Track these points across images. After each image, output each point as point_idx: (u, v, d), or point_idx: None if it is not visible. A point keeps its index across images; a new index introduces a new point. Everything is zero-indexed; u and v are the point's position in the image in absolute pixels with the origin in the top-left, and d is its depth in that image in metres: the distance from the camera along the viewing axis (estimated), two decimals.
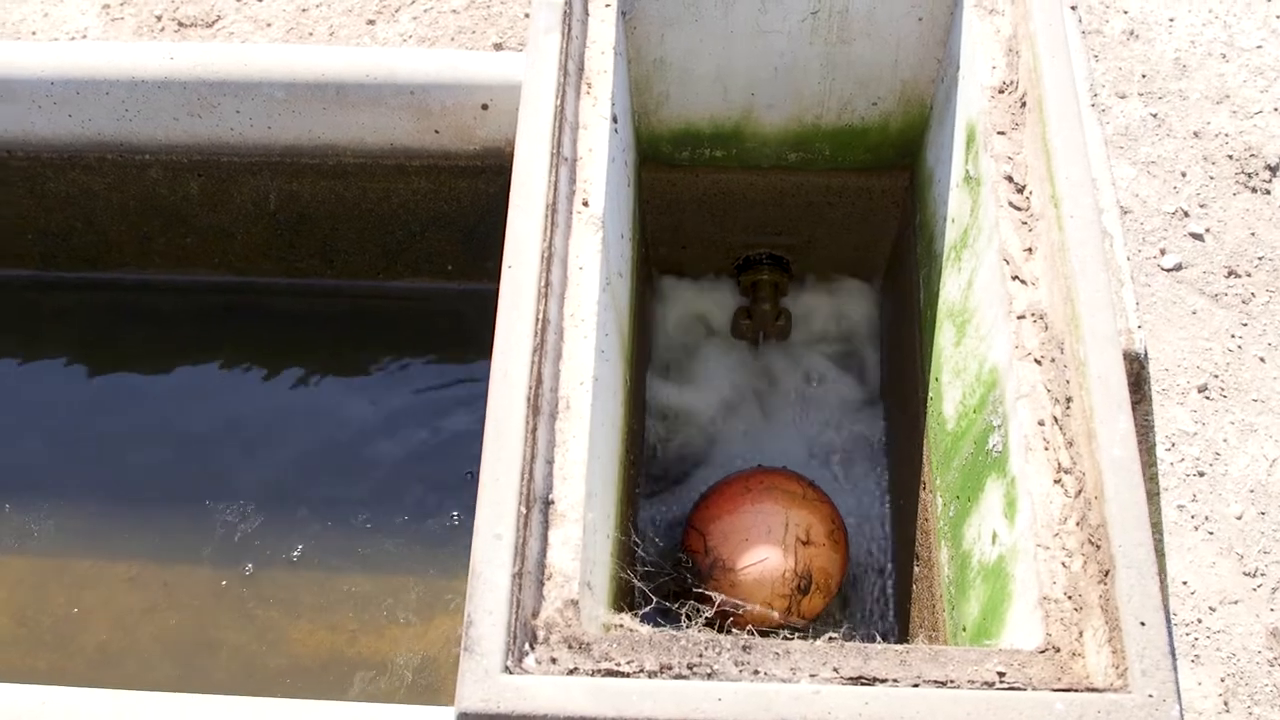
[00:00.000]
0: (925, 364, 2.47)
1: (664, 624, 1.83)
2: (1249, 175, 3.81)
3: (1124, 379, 1.80)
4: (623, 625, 1.76)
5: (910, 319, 2.63)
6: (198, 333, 3.14)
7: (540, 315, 1.86)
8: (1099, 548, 1.72)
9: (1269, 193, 3.79)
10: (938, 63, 2.48)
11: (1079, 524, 1.77)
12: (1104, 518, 1.71)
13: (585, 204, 2.03)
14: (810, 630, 2.46)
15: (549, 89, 2.08)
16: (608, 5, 2.29)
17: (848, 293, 3.04)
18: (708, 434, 2.97)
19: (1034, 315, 1.95)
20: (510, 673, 1.62)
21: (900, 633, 2.64)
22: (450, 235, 2.98)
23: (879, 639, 1.89)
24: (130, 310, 3.17)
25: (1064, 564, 1.76)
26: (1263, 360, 3.50)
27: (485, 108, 2.66)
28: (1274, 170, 3.82)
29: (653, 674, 1.65)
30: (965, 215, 2.25)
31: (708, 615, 1.86)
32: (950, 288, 2.32)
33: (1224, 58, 4.06)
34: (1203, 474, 3.34)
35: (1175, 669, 1.66)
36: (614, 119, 2.16)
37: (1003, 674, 1.66)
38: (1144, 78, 4.03)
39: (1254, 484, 3.30)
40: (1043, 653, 1.70)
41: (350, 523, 2.85)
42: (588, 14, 2.27)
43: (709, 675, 1.65)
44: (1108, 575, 1.69)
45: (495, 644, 1.62)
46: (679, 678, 1.65)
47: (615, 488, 2.21)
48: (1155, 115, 3.95)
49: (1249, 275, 3.64)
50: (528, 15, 4.30)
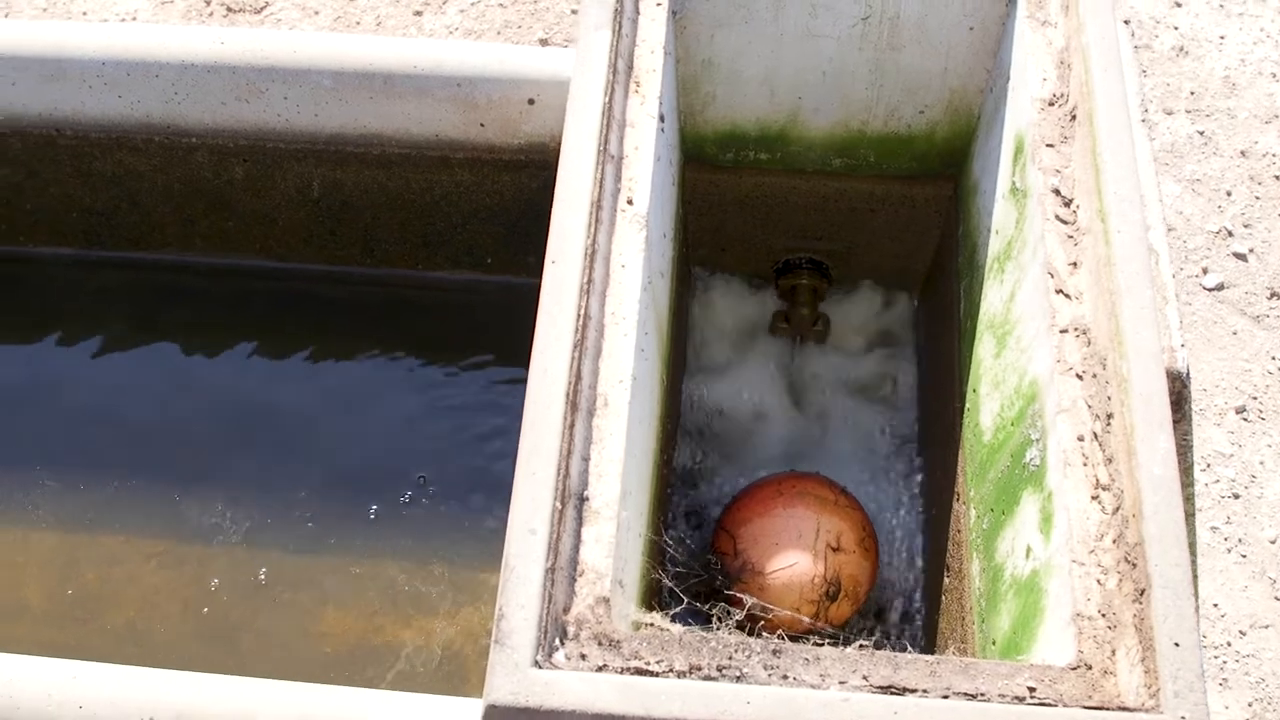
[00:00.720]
0: (963, 374, 2.46)
1: (693, 624, 1.83)
2: None
3: (1166, 397, 1.79)
4: (653, 624, 1.76)
5: (949, 329, 2.62)
6: (236, 316, 3.16)
7: (582, 312, 1.86)
8: (1135, 566, 1.71)
9: None
10: (987, 73, 2.47)
11: (1115, 541, 1.76)
12: (1141, 536, 1.70)
13: (630, 202, 2.03)
14: (841, 637, 2.45)
15: (598, 86, 2.08)
16: (658, 4, 2.29)
17: (886, 300, 3.03)
18: (739, 435, 2.96)
19: (1077, 330, 1.94)
20: (540, 667, 1.62)
21: (927, 643, 2.63)
22: (491, 228, 2.98)
23: (909, 648, 1.88)
24: (170, 291, 3.19)
25: (1099, 581, 1.75)
26: None
27: (531, 103, 2.67)
28: None
29: (682, 674, 1.65)
30: (1010, 227, 2.24)
31: (738, 618, 1.86)
32: (992, 299, 2.31)
33: (1274, 77, 4.03)
34: (1238, 496, 3.31)
35: (1206, 691, 1.65)
36: (661, 118, 2.16)
37: (1033, 689, 1.65)
38: (1192, 95, 4.00)
39: None
40: (1074, 670, 1.69)
41: (382, 511, 2.86)
42: (638, 12, 2.27)
43: (738, 678, 1.65)
44: (1143, 594, 1.68)
45: (526, 638, 1.62)
46: (708, 679, 1.65)
47: (649, 487, 2.21)
48: (1202, 133, 3.92)
49: None
50: (574, 12, 4.31)
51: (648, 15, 2.27)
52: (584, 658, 1.66)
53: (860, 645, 1.72)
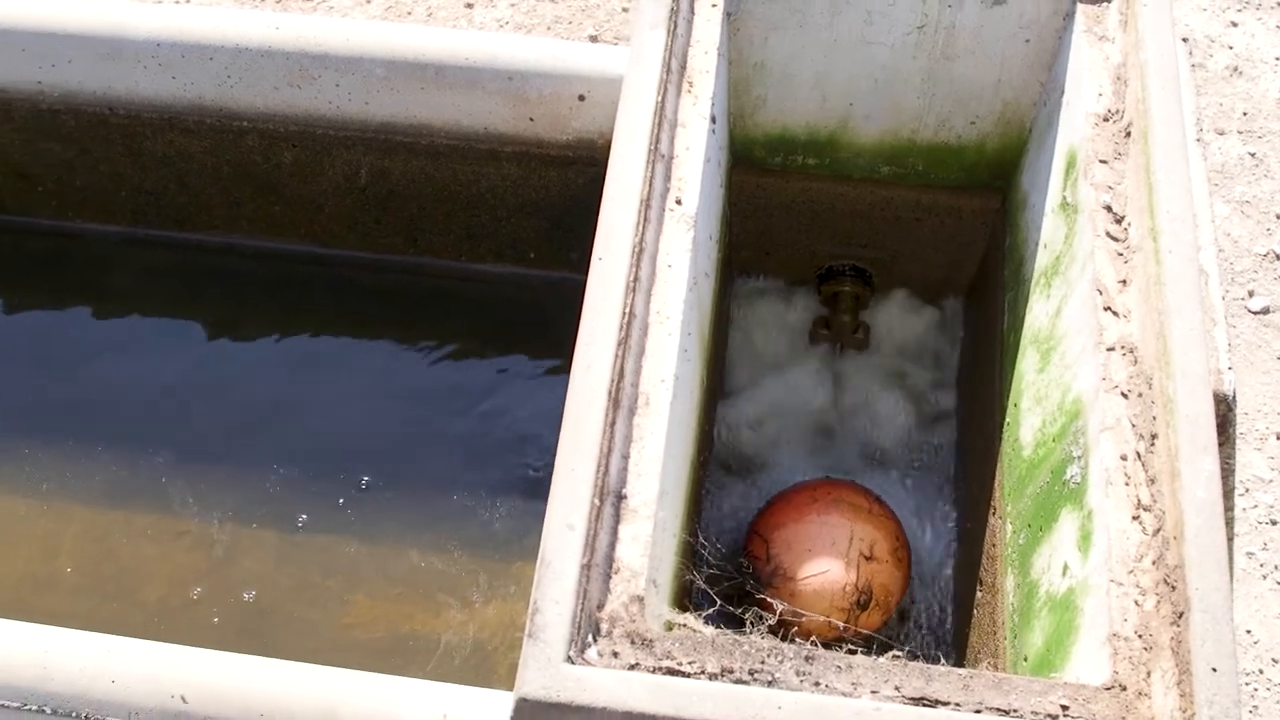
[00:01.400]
0: (1004, 388, 2.45)
1: (723, 626, 1.83)
2: None
3: (1212, 420, 1.77)
4: (686, 625, 1.76)
5: (992, 342, 2.60)
6: (279, 300, 3.17)
7: (627, 310, 1.86)
8: (1174, 589, 1.69)
9: None
10: (1041, 86, 2.45)
11: (1155, 563, 1.74)
12: (1182, 559, 1.68)
13: (679, 202, 2.03)
14: (874, 646, 2.44)
15: (651, 85, 2.08)
16: (714, 5, 2.29)
17: (928, 310, 3.01)
18: (775, 440, 2.96)
19: (1124, 348, 1.93)
20: (572, 663, 1.62)
21: (957, 657, 2.61)
22: (536, 223, 2.99)
23: (942, 661, 1.87)
24: (214, 272, 3.21)
25: (1136, 602, 1.74)
26: None
27: (582, 99, 2.67)
28: None
29: (713, 676, 1.65)
30: (1059, 242, 2.23)
31: (771, 623, 1.86)
32: (1037, 313, 2.29)
33: None
34: (1275, 522, 3.28)
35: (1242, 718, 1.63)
36: (713, 119, 2.16)
37: (1066, 708, 1.64)
38: (1245, 115, 3.96)
39: None
40: (1108, 690, 1.68)
41: (415, 501, 2.86)
42: (694, 12, 2.26)
43: (770, 682, 1.65)
44: (1181, 617, 1.67)
45: (560, 633, 1.63)
46: (740, 682, 1.64)
47: (684, 487, 2.21)
48: (1254, 155, 3.88)
49: None
50: (625, 10, 4.31)
51: (703, 16, 2.27)
52: (616, 655, 1.66)
53: (894, 655, 1.71)
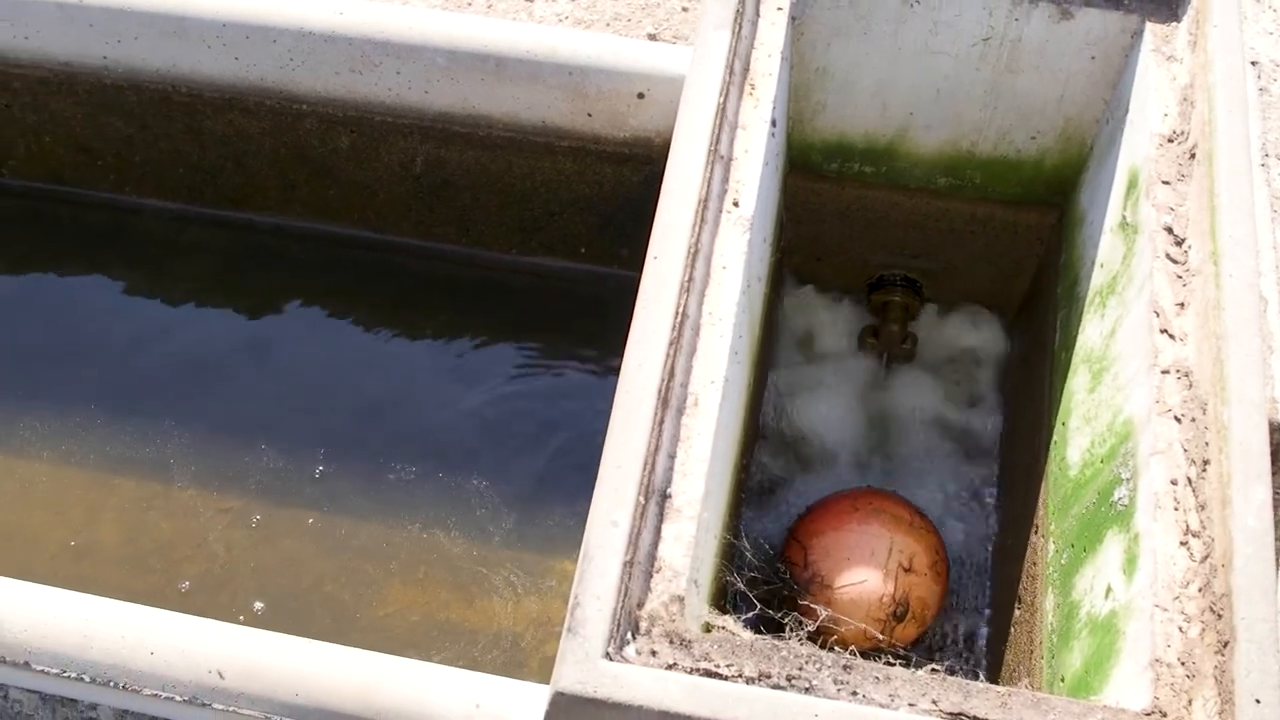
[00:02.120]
0: (1053, 406, 2.43)
1: (763, 630, 1.83)
2: None
3: (1267, 448, 1.76)
4: (725, 628, 1.76)
5: (1042, 359, 2.58)
6: (328, 283, 3.19)
7: (680, 310, 1.86)
8: (1220, 617, 1.68)
9: None
10: (1104, 103, 2.43)
11: (1201, 590, 1.73)
12: (1229, 587, 1.66)
13: (736, 204, 2.03)
14: (913, 659, 2.43)
15: (713, 85, 2.07)
16: (779, 8, 2.29)
17: (978, 324, 2.99)
18: (817, 447, 2.95)
19: (1179, 372, 1.91)
20: (610, 659, 1.62)
21: (991, 673, 2.60)
22: (588, 218, 2.99)
23: (981, 677, 1.86)
24: (265, 252, 3.24)
25: (1181, 629, 1.72)
26: None
27: (641, 96, 2.67)
28: None
29: (751, 680, 1.65)
30: (1116, 261, 2.21)
31: (810, 629, 1.85)
32: (1091, 333, 2.28)
33: None
34: None
35: None
36: (773, 123, 2.15)
37: None
38: None
39: None
40: (1148, 715, 1.66)
41: (453, 490, 2.87)
42: (759, 15, 2.26)
43: (807, 689, 1.64)
44: (1226, 646, 1.65)
45: (599, 629, 1.63)
46: (777, 688, 1.64)
47: (727, 489, 2.21)
48: None
49: None
50: (685, 9, 4.31)
51: (768, 19, 2.26)
52: (654, 654, 1.66)
53: (932, 669, 1.71)
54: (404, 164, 2.98)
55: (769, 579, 2.52)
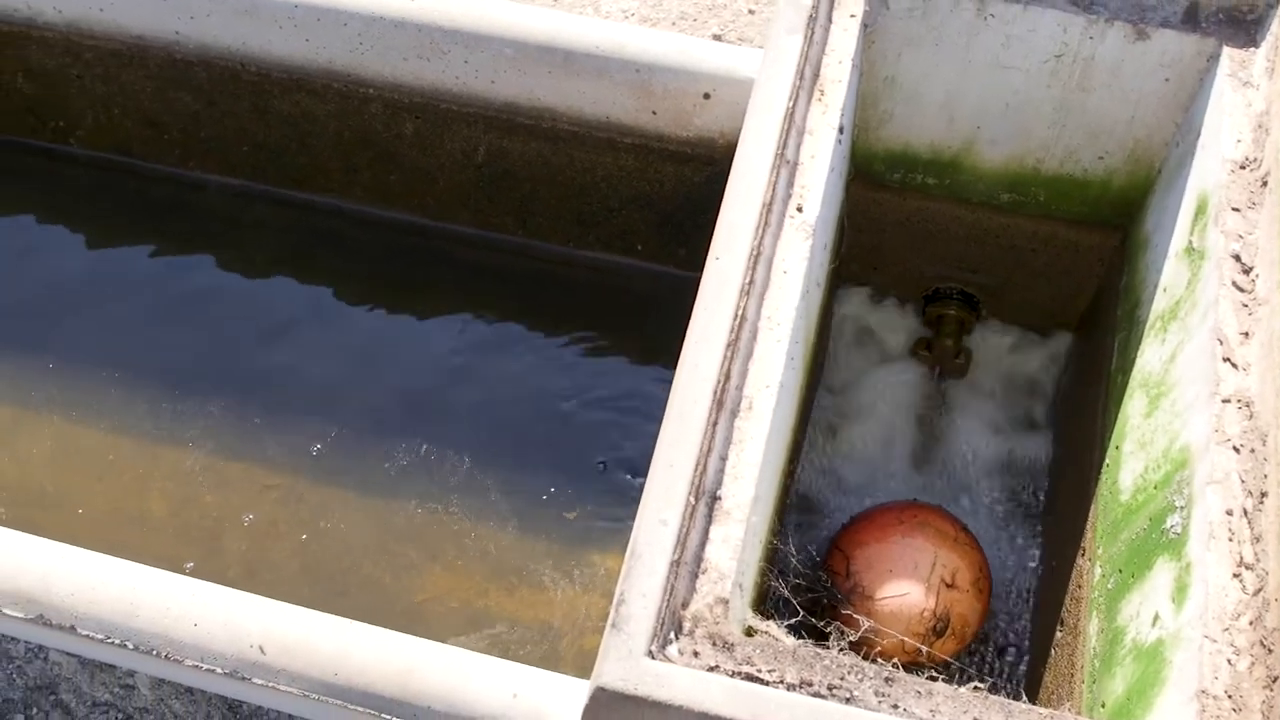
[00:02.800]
0: (1106, 429, 2.41)
1: (803, 637, 1.82)
2: None
3: None
4: (768, 633, 1.75)
5: (1097, 381, 2.56)
6: (385, 267, 3.21)
7: (739, 312, 1.86)
8: (1271, 652, 1.66)
9: None
10: (1176, 126, 2.41)
11: (1253, 623, 1.71)
12: None
13: (799, 209, 2.02)
14: (956, 675, 2.42)
15: (783, 89, 2.07)
16: (852, 15, 2.28)
17: (1033, 342, 2.97)
18: (864, 457, 2.94)
19: (1240, 401, 1.89)
20: (653, 657, 1.62)
21: (1028, 695, 2.58)
22: (646, 216, 2.99)
23: (1024, 697, 1.85)
24: (324, 234, 3.26)
25: (1229, 661, 1.70)
26: None
27: (707, 97, 2.66)
28: None
29: (792, 687, 1.64)
30: (1180, 287, 2.19)
31: (852, 639, 1.84)
32: (1149, 357, 2.25)
33: None
34: None
35: None
36: (840, 129, 2.14)
37: None
38: None
39: None
40: None
41: (498, 480, 2.88)
42: (831, 21, 2.25)
43: (848, 699, 1.64)
44: (1275, 682, 1.63)
45: (643, 626, 1.63)
46: (817, 696, 1.63)
47: (775, 494, 2.20)
48: None
49: None
50: (751, 11, 4.30)
51: (840, 25, 2.26)
52: (696, 655, 1.66)
53: (975, 687, 1.69)
54: (466, 153, 2.99)
55: (811, 586, 2.52)
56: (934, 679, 1.69)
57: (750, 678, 1.64)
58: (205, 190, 3.29)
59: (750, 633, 1.80)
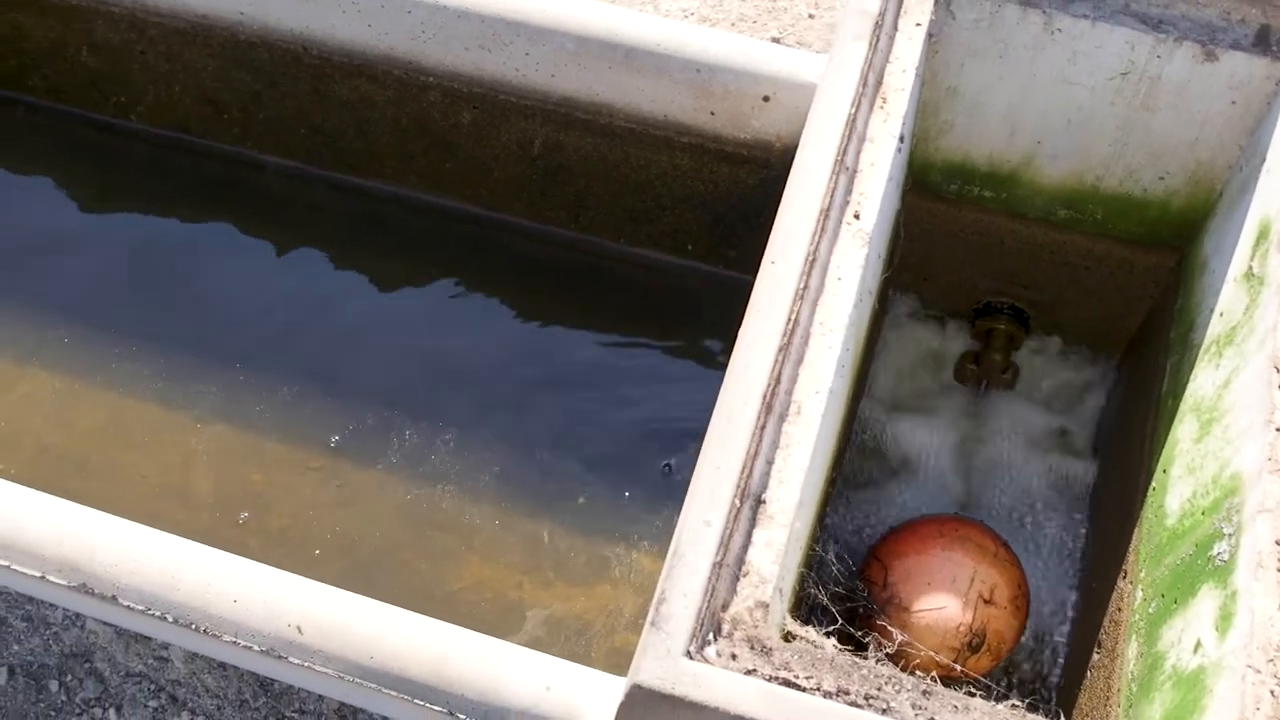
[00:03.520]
0: (1154, 452, 2.38)
1: (838, 644, 1.81)
2: None
3: None
4: (806, 639, 1.75)
5: (1147, 402, 2.54)
6: (436, 255, 3.22)
7: (792, 317, 1.85)
8: None
9: None
10: (1240, 149, 2.38)
11: None
12: None
13: (857, 216, 2.01)
14: (994, 692, 2.40)
15: (846, 96, 2.06)
16: (917, 25, 2.27)
17: (1082, 360, 2.95)
18: (905, 468, 2.92)
19: None
20: (691, 658, 1.62)
21: (1064, 716, 2.56)
22: (699, 216, 2.99)
23: (1062, 718, 1.83)
24: (377, 220, 3.27)
25: (1273, 692, 1.68)
26: None
27: (767, 100, 2.66)
28: None
29: (828, 695, 1.64)
30: (1237, 312, 2.16)
31: (889, 650, 1.83)
32: (1202, 381, 2.23)
33: None
34: None
35: None
36: (901, 138, 2.13)
37: None
38: None
39: None
40: None
41: (541, 472, 2.89)
42: (896, 29, 2.24)
43: (884, 710, 1.63)
44: None
45: (683, 626, 1.63)
46: (854, 705, 1.63)
47: (817, 501, 2.19)
48: None
49: None
50: (811, 15, 4.29)
51: (905, 33, 2.25)
52: (734, 658, 1.66)
53: (1012, 705, 1.68)
54: (522, 145, 3.00)
55: (848, 594, 2.51)
56: (971, 694, 1.68)
57: (787, 683, 1.64)
58: (262, 171, 3.32)
59: (788, 638, 1.80)
